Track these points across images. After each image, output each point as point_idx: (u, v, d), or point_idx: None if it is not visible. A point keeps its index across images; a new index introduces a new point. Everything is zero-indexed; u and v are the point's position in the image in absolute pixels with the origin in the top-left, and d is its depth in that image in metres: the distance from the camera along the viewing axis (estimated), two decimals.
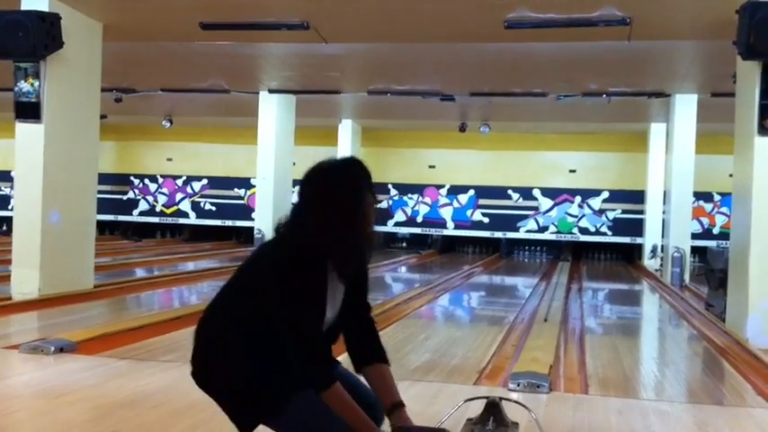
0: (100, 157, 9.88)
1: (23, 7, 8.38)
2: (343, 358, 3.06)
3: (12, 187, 16.79)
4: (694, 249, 14.64)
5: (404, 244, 20.79)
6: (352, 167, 2.78)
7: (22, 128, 8.58)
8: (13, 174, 9.17)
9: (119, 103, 15.25)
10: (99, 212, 10.08)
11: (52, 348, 5.68)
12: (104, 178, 12.79)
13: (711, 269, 9.33)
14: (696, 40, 9.57)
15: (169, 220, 21.41)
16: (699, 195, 17.16)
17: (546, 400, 4.82)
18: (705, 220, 18.83)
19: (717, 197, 18.76)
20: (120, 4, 8.81)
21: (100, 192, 10.06)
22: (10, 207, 19.75)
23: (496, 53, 10.73)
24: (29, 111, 8.44)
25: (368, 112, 17.54)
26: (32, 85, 8.39)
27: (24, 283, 8.50)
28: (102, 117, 9.97)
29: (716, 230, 18.75)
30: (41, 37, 8.18)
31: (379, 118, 18.54)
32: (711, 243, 16.42)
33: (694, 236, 15.50)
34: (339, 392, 2.54)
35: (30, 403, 4.47)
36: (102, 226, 18.54)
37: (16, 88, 8.43)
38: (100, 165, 9.85)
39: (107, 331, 6.56)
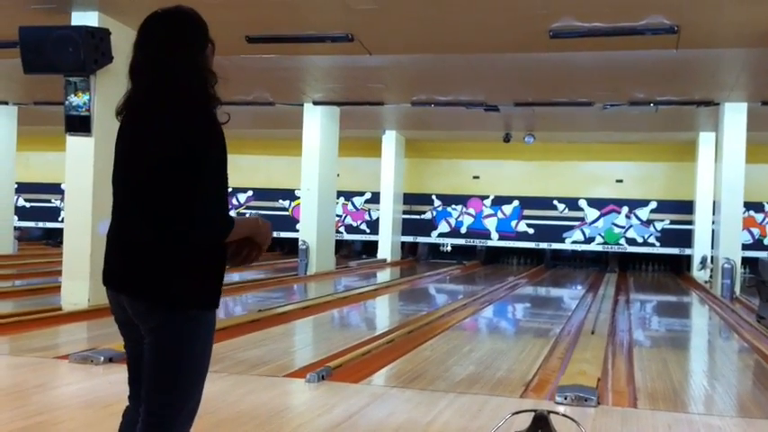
0: None
1: (74, 23, 8.57)
2: None
3: (62, 199, 17.09)
4: (745, 260, 14.35)
5: (448, 249, 20.65)
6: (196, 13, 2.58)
7: (73, 141, 8.75)
8: (63, 186, 9.33)
9: None
10: None
11: (101, 358, 5.76)
12: None
13: (763, 280, 9.15)
14: (745, 47, 9.41)
15: None
16: (749, 205, 16.84)
17: (594, 414, 4.75)
18: (756, 231, 18.46)
19: None
20: None
21: None
22: (60, 219, 20.13)
23: (541, 62, 10.67)
24: (79, 124, 8.61)
25: (411, 122, 17.55)
26: (82, 98, 8.55)
27: (74, 293, 8.65)
28: None
29: (767, 241, 18.37)
30: (91, 52, 8.34)
31: (422, 129, 18.53)
32: (762, 254, 16.08)
33: (745, 246, 15.21)
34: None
35: (78, 413, 4.52)
36: None
37: (66, 102, 8.60)
38: None
39: None
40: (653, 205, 19.08)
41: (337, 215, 20.16)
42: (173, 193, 2.32)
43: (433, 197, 20.36)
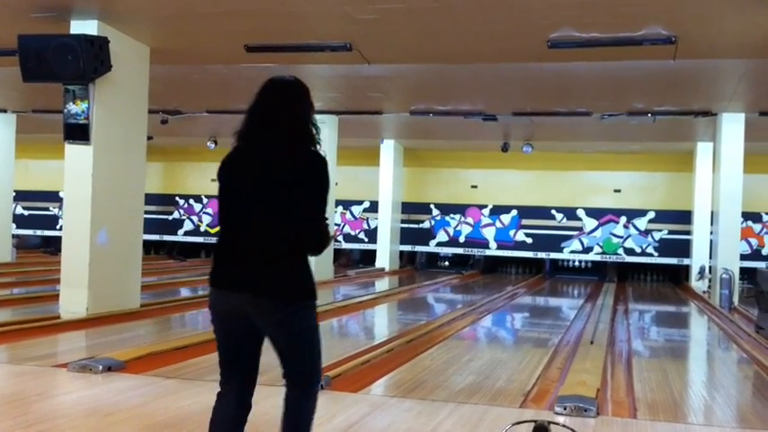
0: (146, 177, 10.02)
1: (73, 31, 8.58)
2: None
3: (60, 207, 17.09)
4: (743, 270, 14.36)
5: (446, 264, 20.75)
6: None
7: (71, 149, 8.74)
8: (61, 194, 9.33)
9: (165, 124, 15.48)
10: (145, 232, 10.22)
11: (100, 367, 5.75)
12: (150, 198, 12.94)
13: (761, 291, 9.16)
14: (743, 58, 9.44)
15: (213, 240, 21.55)
16: (747, 216, 16.89)
17: (594, 425, 4.75)
18: (754, 241, 18.48)
19: (765, 217, 18.43)
20: (167, 28, 8.96)
21: (146, 212, 10.21)
22: (59, 227, 20.12)
23: (539, 72, 10.70)
24: (78, 132, 8.61)
25: (410, 132, 17.56)
26: (81, 107, 8.56)
27: (72, 302, 8.63)
28: (149, 138, 10.12)
29: (765, 251, 18.39)
30: (90, 60, 8.35)
31: (421, 138, 18.55)
32: (761, 264, 16.12)
33: (743, 257, 15.22)
34: None
35: (78, 422, 4.51)
36: (147, 246, 18.77)
37: (65, 110, 8.60)
38: (146, 185, 10.00)
39: (154, 350, 6.63)
40: (651, 215, 19.10)
41: (336, 224, 20.16)
42: (303, 214, 2.98)
43: (432, 206, 20.37)
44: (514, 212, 19.87)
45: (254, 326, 3.03)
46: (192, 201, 21.81)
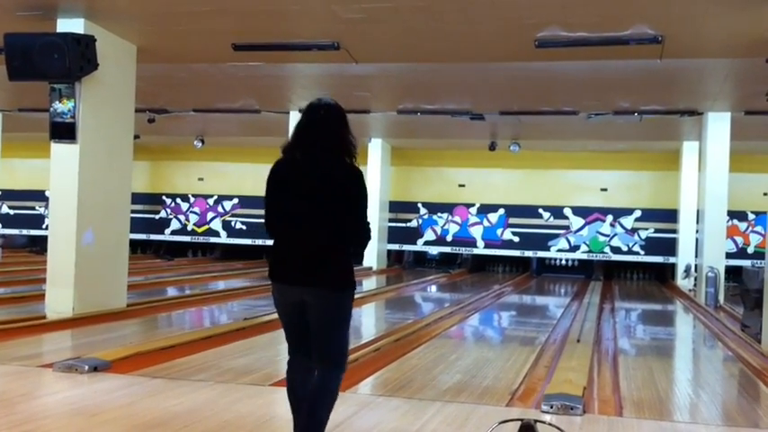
0: (132, 176, 9.98)
1: (59, 29, 8.54)
2: None
3: (46, 207, 17.00)
4: (729, 269, 14.45)
5: (434, 264, 20.77)
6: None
7: (57, 148, 8.71)
8: (47, 193, 9.28)
9: (151, 123, 15.44)
10: (131, 232, 10.19)
11: (86, 367, 5.73)
12: (137, 198, 12.91)
13: (747, 289, 9.20)
14: (728, 58, 9.49)
15: (200, 240, 21.56)
16: (733, 214, 16.96)
17: (580, 423, 4.76)
18: (739, 240, 18.58)
19: (751, 216, 18.53)
20: (154, 26, 8.93)
21: (132, 211, 10.18)
22: (44, 226, 20.02)
23: (526, 72, 10.72)
24: (64, 131, 8.57)
25: (397, 131, 17.57)
26: (67, 105, 8.52)
27: (58, 301, 8.60)
28: (135, 137, 10.09)
29: (750, 250, 18.50)
30: (77, 59, 8.31)
31: (408, 137, 18.56)
32: (746, 262, 16.21)
33: (729, 255, 15.29)
34: None
35: (64, 422, 4.49)
36: (134, 245, 18.71)
37: (51, 109, 8.56)
38: (132, 184, 9.96)
39: (140, 350, 6.60)
40: (637, 214, 19.18)
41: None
42: (349, 216, 3.61)
43: (419, 205, 20.39)
44: (502, 211, 19.90)
45: (307, 310, 3.63)
46: (178, 200, 21.75)
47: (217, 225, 21.35)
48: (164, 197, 21.82)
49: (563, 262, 20.13)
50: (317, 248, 3.58)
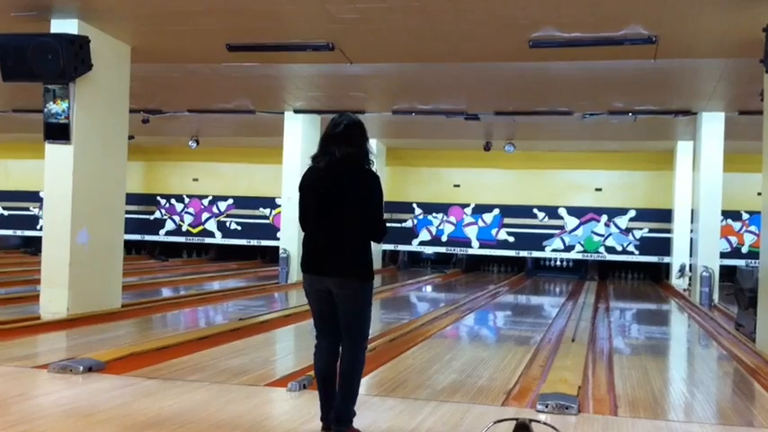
0: (127, 177, 9.96)
1: (53, 30, 8.53)
2: None
3: (41, 207, 16.98)
4: (723, 269, 14.48)
5: (429, 263, 20.78)
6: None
7: (52, 149, 8.69)
8: (42, 194, 9.27)
9: (146, 123, 15.41)
10: (126, 232, 10.17)
11: (81, 368, 5.72)
12: (131, 198, 12.87)
13: (741, 288, 9.22)
14: (723, 58, 9.51)
15: (195, 240, 21.52)
16: (727, 214, 17.00)
17: (575, 422, 4.77)
18: (734, 239, 18.62)
19: (745, 216, 18.56)
20: (148, 27, 8.93)
21: (127, 212, 10.15)
22: (39, 227, 19.99)
23: (521, 72, 10.74)
24: (58, 132, 8.56)
25: (392, 131, 17.57)
26: (61, 106, 8.50)
27: (53, 302, 8.58)
28: (130, 138, 10.07)
29: (745, 249, 18.54)
30: (71, 59, 8.30)
31: (403, 137, 18.57)
32: (740, 262, 16.26)
33: (723, 255, 15.34)
34: None
35: (58, 423, 4.49)
36: (128, 246, 18.69)
37: (45, 110, 8.55)
38: (127, 185, 9.94)
39: (135, 351, 6.60)
40: (632, 214, 19.21)
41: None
42: (369, 215, 4.21)
43: (414, 205, 20.39)
44: (496, 211, 19.91)
45: (333, 298, 4.18)
46: (173, 200, 21.71)
47: (211, 225, 21.32)
48: (158, 198, 21.78)
49: (558, 262, 20.15)
50: (340, 244, 4.16)
